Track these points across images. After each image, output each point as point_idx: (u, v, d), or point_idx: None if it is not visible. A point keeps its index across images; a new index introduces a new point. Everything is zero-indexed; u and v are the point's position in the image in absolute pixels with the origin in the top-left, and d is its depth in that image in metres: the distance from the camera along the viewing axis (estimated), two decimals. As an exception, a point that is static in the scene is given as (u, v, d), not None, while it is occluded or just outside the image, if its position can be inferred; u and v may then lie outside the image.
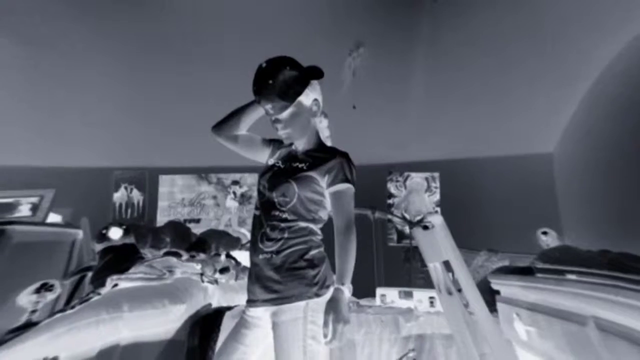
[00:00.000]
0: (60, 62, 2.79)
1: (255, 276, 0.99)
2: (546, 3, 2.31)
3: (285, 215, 0.98)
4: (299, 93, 1.00)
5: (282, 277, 0.95)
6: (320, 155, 1.04)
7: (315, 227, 1.02)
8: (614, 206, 2.54)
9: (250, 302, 1.01)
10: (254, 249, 1.01)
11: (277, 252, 0.96)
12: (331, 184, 1.00)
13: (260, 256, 0.98)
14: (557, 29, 2.44)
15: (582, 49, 2.56)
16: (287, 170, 1.04)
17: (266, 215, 1.01)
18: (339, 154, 1.04)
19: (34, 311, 1.41)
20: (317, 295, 0.94)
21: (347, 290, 0.92)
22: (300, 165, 1.02)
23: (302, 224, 0.99)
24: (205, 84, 2.99)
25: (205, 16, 2.52)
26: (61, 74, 2.89)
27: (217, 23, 2.56)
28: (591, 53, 2.57)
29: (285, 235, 0.97)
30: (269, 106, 1.00)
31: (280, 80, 0.96)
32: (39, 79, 2.88)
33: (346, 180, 0.99)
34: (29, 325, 1.19)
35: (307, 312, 0.91)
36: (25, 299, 1.42)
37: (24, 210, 2.29)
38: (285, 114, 1.00)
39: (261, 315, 0.98)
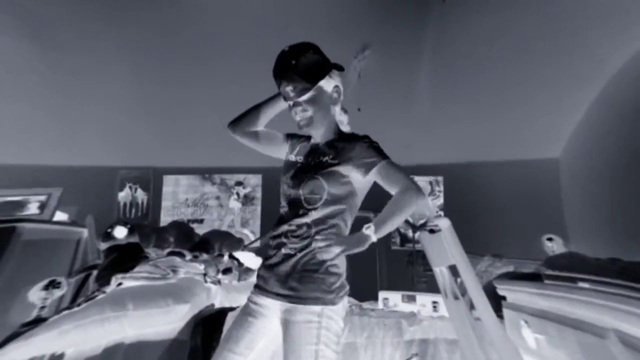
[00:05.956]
0: (68, 63, 2.81)
1: (271, 266, 0.97)
2: (555, 7, 2.30)
3: (312, 213, 0.96)
4: (321, 76, 0.98)
5: (301, 276, 0.93)
6: (342, 144, 1.01)
7: (344, 225, 0.99)
8: (620, 213, 2.51)
9: (262, 290, 0.97)
10: (276, 241, 0.98)
11: (301, 250, 0.94)
12: (368, 170, 0.97)
13: (283, 250, 0.96)
14: (565, 34, 2.43)
15: (590, 55, 2.54)
16: (312, 165, 1.00)
17: (293, 212, 0.98)
18: (360, 138, 1.01)
19: (43, 307, 1.43)
20: (333, 303, 0.92)
21: (372, 235, 0.93)
22: (324, 159, 0.99)
23: (331, 221, 0.97)
24: (211, 85, 3.00)
25: (212, 17, 2.53)
26: (69, 75, 2.91)
27: (223, 23, 2.57)
28: (599, 58, 2.56)
29: (312, 233, 0.95)
30: (289, 87, 0.97)
31: (302, 61, 0.95)
32: (49, 80, 2.91)
33: (380, 158, 0.98)
34: (39, 321, 1.22)
35: (322, 317, 0.90)
36: (35, 294, 1.44)
37: (32, 209, 2.32)
38: (305, 97, 0.98)
39: (271, 306, 0.96)
